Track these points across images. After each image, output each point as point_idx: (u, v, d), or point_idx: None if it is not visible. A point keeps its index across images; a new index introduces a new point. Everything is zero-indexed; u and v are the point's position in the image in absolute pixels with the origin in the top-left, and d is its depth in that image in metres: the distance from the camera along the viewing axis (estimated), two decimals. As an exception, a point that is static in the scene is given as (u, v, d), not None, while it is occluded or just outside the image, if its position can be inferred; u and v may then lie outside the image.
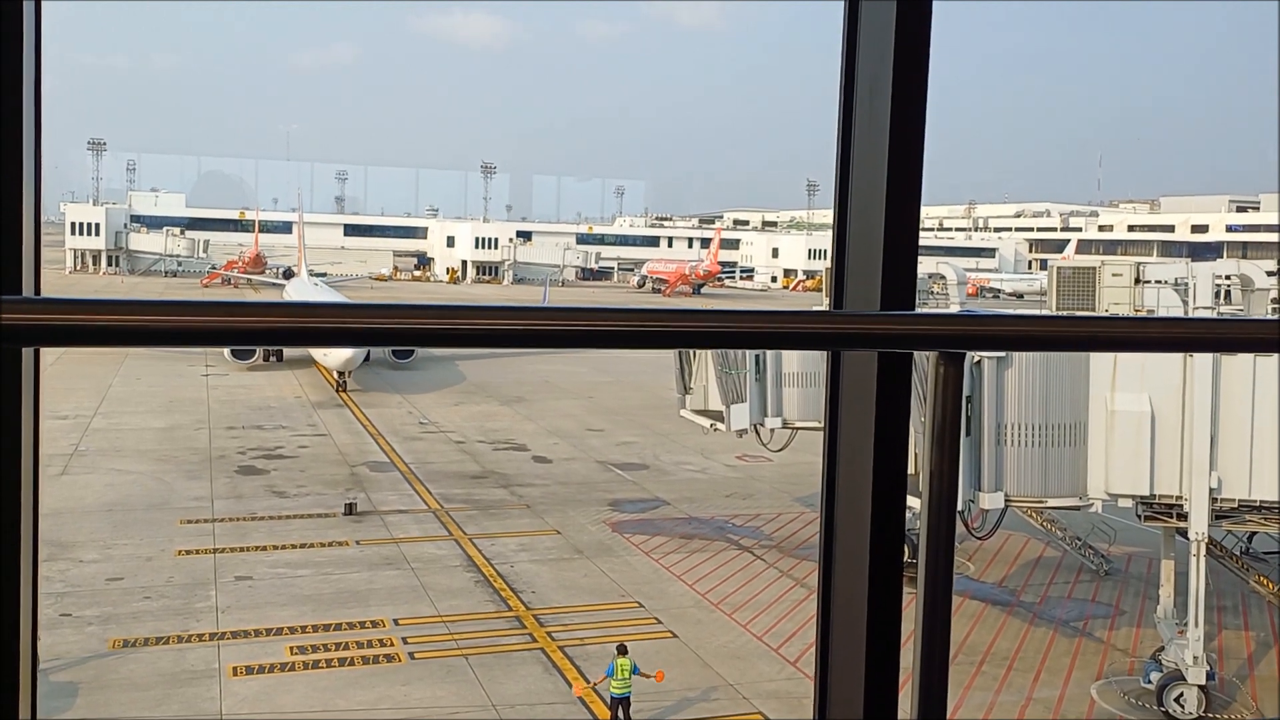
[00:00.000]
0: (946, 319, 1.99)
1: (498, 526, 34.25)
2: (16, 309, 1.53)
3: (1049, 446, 24.28)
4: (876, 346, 2.37)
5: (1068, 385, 24.32)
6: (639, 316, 1.80)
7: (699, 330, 1.87)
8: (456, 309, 1.72)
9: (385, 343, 1.71)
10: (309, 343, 1.65)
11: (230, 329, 1.58)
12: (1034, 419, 24.12)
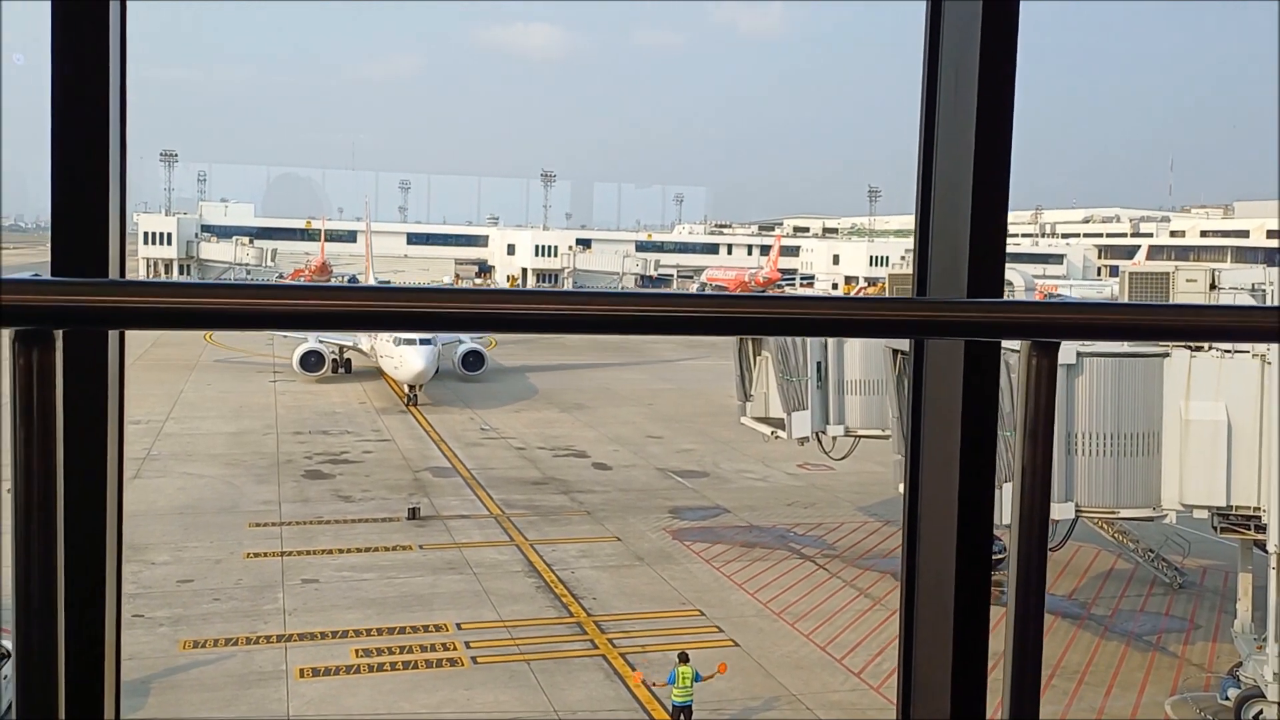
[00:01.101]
0: (1041, 306, 1.93)
1: (558, 532, 34.36)
2: (102, 291, 1.53)
3: (1121, 456, 23.72)
4: (965, 334, 2.29)
5: (1140, 393, 23.75)
6: (722, 303, 1.77)
7: (780, 317, 1.85)
8: (532, 294, 1.69)
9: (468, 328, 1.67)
10: (394, 326, 1.63)
11: (315, 312, 1.57)
12: (1105, 428, 23.59)
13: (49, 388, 1.44)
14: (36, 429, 1.44)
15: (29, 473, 1.44)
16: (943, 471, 2.75)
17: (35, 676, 1.49)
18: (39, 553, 1.46)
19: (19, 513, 1.45)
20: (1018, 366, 1.95)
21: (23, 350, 1.42)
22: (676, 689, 21.58)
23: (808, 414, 33.42)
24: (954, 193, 2.56)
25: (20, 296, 1.40)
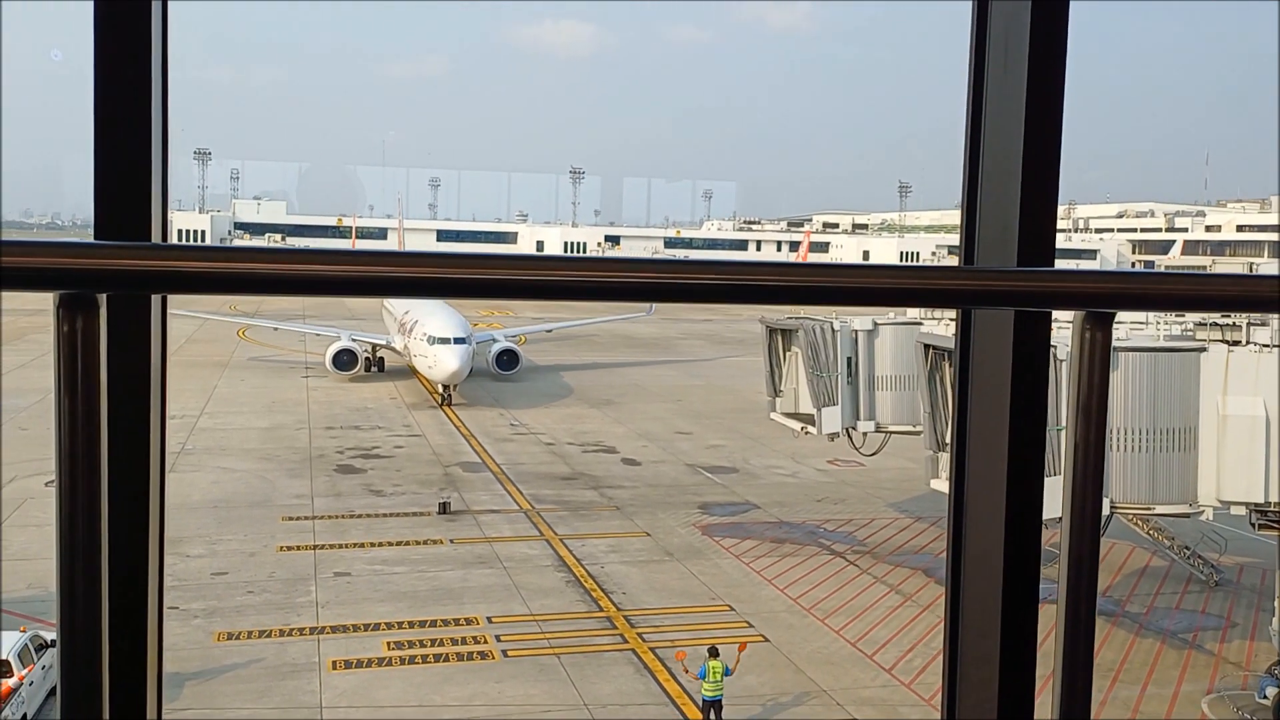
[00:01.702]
0: (1095, 276, 1.86)
1: (588, 527, 34.42)
2: (146, 255, 1.52)
3: (1157, 452, 23.47)
4: (1016, 304, 2.22)
5: (1177, 388, 23.48)
6: (763, 270, 1.73)
7: (823, 285, 1.77)
8: (585, 261, 1.66)
9: (504, 295, 1.65)
10: (435, 293, 1.61)
11: (355, 278, 1.55)
12: (1141, 423, 23.35)
13: (93, 354, 1.44)
14: (81, 396, 1.43)
15: (73, 440, 1.44)
16: (990, 451, 2.69)
17: (80, 651, 1.49)
18: (84, 519, 1.45)
19: (64, 479, 1.45)
20: (1070, 339, 1.89)
21: (67, 316, 1.42)
22: (707, 684, 21.57)
23: (838, 409, 33.28)
24: (1003, 157, 2.50)
25: (64, 259, 1.40)
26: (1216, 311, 3.90)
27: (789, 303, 1.83)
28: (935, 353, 27.52)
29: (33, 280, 1.40)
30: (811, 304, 1.95)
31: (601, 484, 40.07)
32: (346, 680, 23.06)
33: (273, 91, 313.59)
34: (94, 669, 1.49)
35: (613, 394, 59.52)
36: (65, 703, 1.48)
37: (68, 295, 1.42)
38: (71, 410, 1.43)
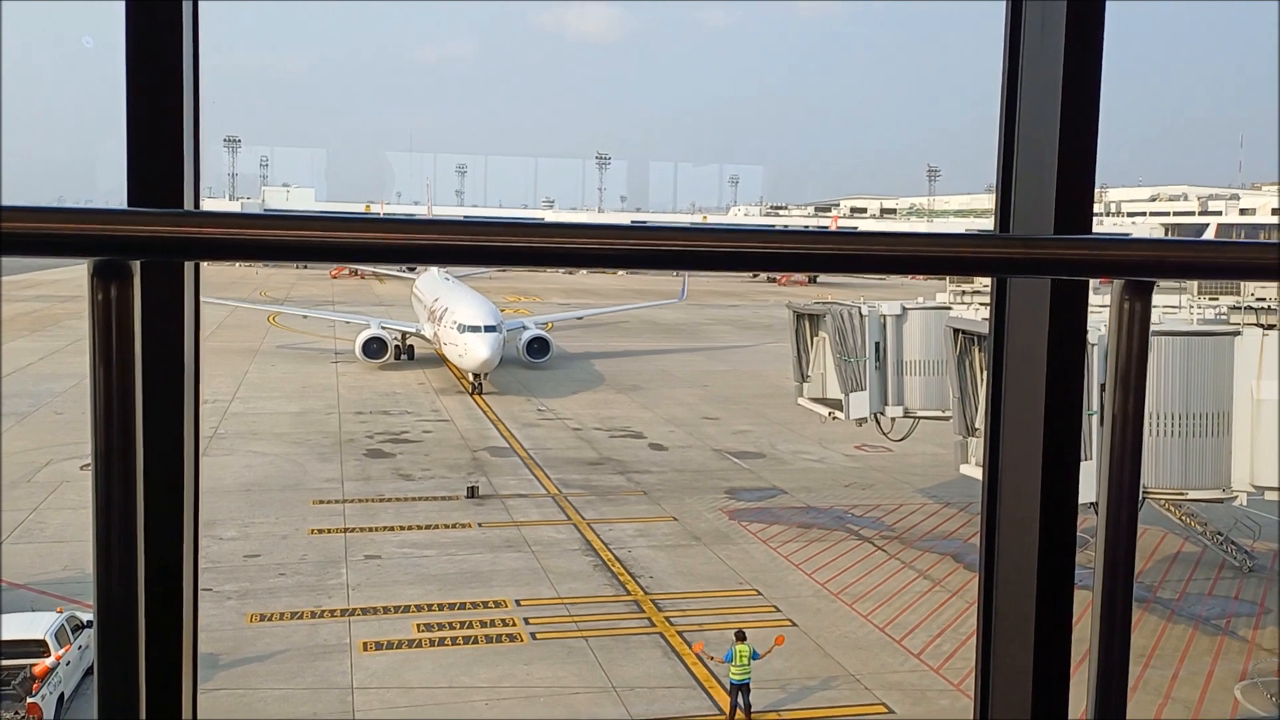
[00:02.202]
0: (1135, 243, 1.81)
1: (615, 512, 34.52)
2: (181, 222, 1.51)
3: (1190, 436, 23.25)
4: (1053, 273, 2.18)
5: (1210, 372, 23.23)
6: (795, 239, 1.70)
7: (854, 253, 1.76)
8: (597, 229, 1.63)
9: (533, 263, 1.64)
10: (467, 261, 1.59)
11: (392, 245, 1.55)
12: (1174, 408, 23.14)
13: (128, 322, 1.43)
14: (116, 363, 1.43)
15: (109, 408, 1.44)
16: (1026, 426, 2.65)
17: (116, 629, 1.48)
18: (119, 486, 1.45)
19: (99, 445, 1.45)
20: (1109, 309, 1.86)
21: (101, 284, 1.41)
22: (734, 667, 21.63)
23: (866, 395, 33.19)
24: (1040, 122, 2.46)
25: (98, 226, 1.40)
26: (1266, 280, 3.64)
27: (822, 270, 1.80)
28: (965, 337, 27.36)
29: (67, 247, 1.40)
30: (845, 272, 1.92)
31: (628, 469, 40.16)
32: (377, 661, 23.30)
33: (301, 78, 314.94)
34: (129, 648, 1.49)
35: (640, 379, 59.57)
36: (102, 682, 1.49)
37: (102, 263, 1.41)
38: (106, 378, 1.43)
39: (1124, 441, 1.84)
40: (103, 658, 1.49)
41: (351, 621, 25.26)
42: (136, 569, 1.48)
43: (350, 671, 22.77)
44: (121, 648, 1.49)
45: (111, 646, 1.48)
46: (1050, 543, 2.63)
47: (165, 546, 2.30)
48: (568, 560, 29.97)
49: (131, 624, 1.48)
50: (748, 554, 30.98)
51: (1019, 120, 2.56)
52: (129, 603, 1.47)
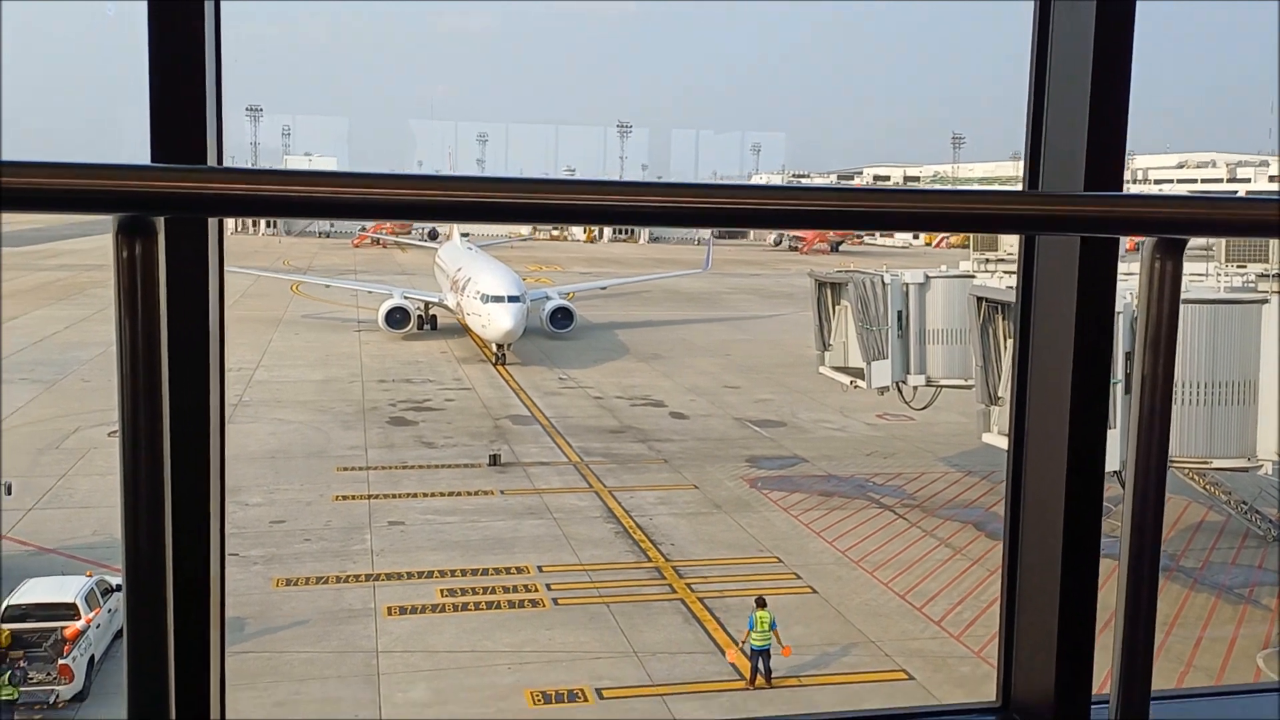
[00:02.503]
0: (1168, 200, 1.77)
1: (636, 480, 34.67)
2: (205, 178, 1.51)
3: (1215, 405, 23.09)
4: (1082, 230, 2.13)
5: (1237, 341, 23.02)
6: (821, 195, 1.69)
7: (881, 210, 1.72)
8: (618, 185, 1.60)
9: (557, 220, 1.63)
10: (487, 218, 1.59)
11: (418, 203, 1.53)
12: (1199, 376, 22.97)
13: (152, 279, 1.43)
14: (141, 320, 1.43)
15: (135, 365, 1.43)
16: (1053, 387, 2.62)
17: (145, 588, 1.48)
18: (146, 441, 1.44)
19: (126, 401, 1.44)
20: (1140, 268, 1.81)
21: (126, 241, 1.41)
22: (755, 634, 21.76)
23: (888, 363, 33.09)
24: (1071, 78, 2.42)
25: (122, 182, 1.39)
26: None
27: (849, 228, 1.77)
28: (989, 305, 27.20)
29: (91, 202, 1.39)
30: (872, 229, 1.89)
31: (650, 437, 40.28)
32: (402, 625, 23.58)
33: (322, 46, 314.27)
34: (159, 611, 1.48)
35: (661, 348, 59.57)
36: (131, 644, 1.49)
37: (126, 220, 1.41)
38: (132, 334, 1.43)
39: (1153, 405, 1.80)
40: (131, 619, 1.49)
41: (376, 586, 25.55)
42: (164, 522, 1.48)
43: (375, 635, 23.06)
44: (150, 610, 1.48)
45: (140, 607, 1.48)
46: (1076, 508, 2.61)
47: (192, 498, 2.30)
48: (589, 527, 30.16)
49: (160, 585, 1.48)
50: (769, 522, 31.08)
51: (1049, 76, 2.51)
52: (156, 559, 1.47)
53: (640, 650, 22.75)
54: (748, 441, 40.05)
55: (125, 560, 1.47)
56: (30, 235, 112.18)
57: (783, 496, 33.35)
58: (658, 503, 32.43)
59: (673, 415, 44.00)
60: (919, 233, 4.34)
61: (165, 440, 1.47)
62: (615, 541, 29.18)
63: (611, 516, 31.14)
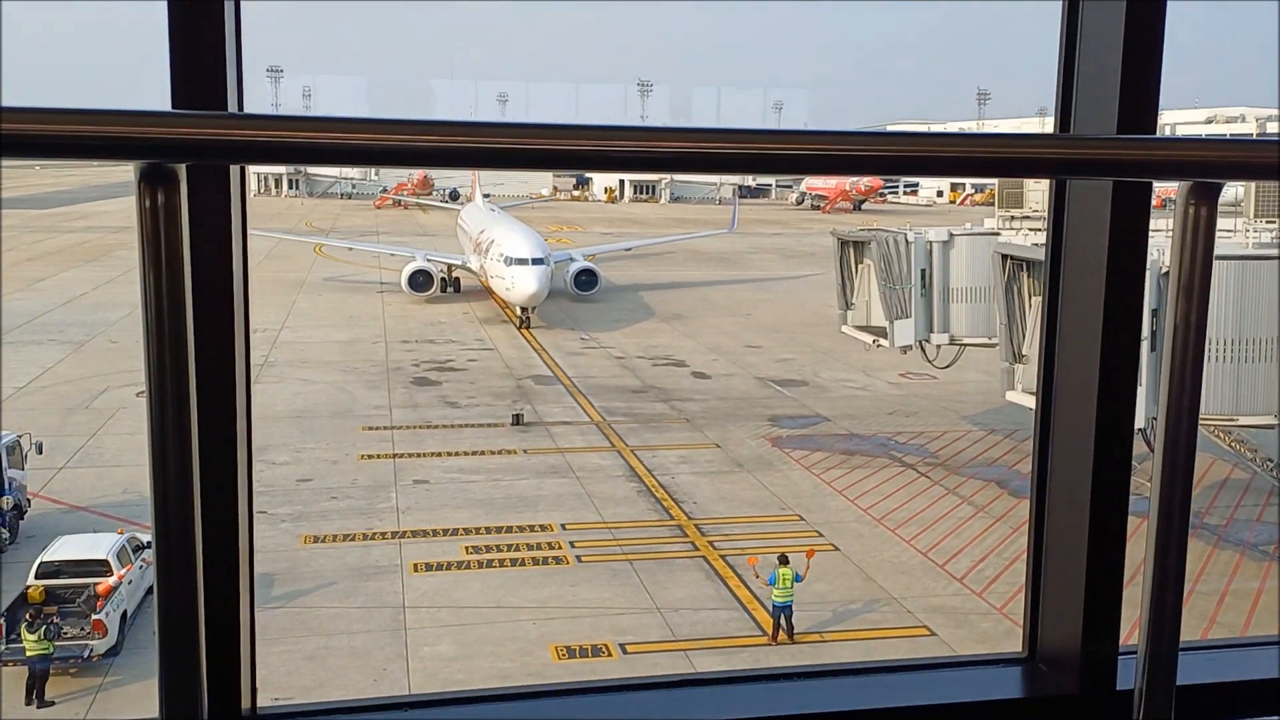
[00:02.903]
0: (1203, 143, 1.72)
1: (658, 439, 34.81)
2: (228, 124, 1.49)
3: (1242, 362, 22.91)
4: (1114, 174, 2.10)
5: (1265, 297, 22.78)
6: (847, 141, 1.64)
7: (908, 154, 1.68)
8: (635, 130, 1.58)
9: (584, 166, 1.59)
10: (508, 164, 1.56)
11: (441, 149, 1.50)
12: (1226, 333, 22.78)
13: (176, 228, 1.42)
14: (166, 269, 1.42)
15: (160, 315, 1.43)
16: (1083, 340, 2.60)
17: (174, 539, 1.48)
18: (173, 389, 1.44)
19: (151, 352, 1.44)
20: (1174, 213, 1.77)
21: (148, 189, 1.40)
22: (777, 590, 21.93)
23: (911, 322, 32.97)
24: (1104, 19, 2.39)
25: (144, 129, 1.38)
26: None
27: (878, 173, 1.73)
28: (1013, 262, 27.00)
29: (113, 149, 1.38)
30: (902, 174, 1.86)
31: (671, 397, 40.37)
32: (428, 582, 23.89)
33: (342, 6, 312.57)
34: (189, 564, 1.49)
35: (682, 308, 59.50)
36: (162, 597, 1.50)
37: (149, 168, 1.40)
38: (157, 283, 1.42)
39: (1185, 355, 1.76)
40: (161, 569, 1.49)
41: (402, 544, 25.87)
42: (191, 470, 1.48)
43: (401, 591, 23.39)
44: (180, 560, 1.49)
45: (170, 552, 1.48)
46: (1105, 459, 2.59)
47: (220, 447, 2.30)
48: (612, 486, 30.35)
49: (189, 534, 1.48)
50: (790, 480, 31.18)
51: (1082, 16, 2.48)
52: (185, 509, 1.47)
53: (663, 606, 22.98)
54: (770, 401, 40.08)
55: (153, 507, 1.47)
56: (58, 198, 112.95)
57: (805, 455, 33.42)
58: (680, 462, 32.57)
59: (695, 375, 44.05)
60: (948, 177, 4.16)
61: (191, 385, 1.46)
62: (638, 500, 29.37)
63: (634, 475, 31.32)
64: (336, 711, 2.53)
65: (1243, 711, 2.20)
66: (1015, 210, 33.26)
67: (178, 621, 1.50)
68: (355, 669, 20.20)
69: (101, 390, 38.13)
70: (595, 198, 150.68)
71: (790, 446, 34.31)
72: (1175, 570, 1.84)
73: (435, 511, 27.98)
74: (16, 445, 26.85)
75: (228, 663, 2.34)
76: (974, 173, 1.76)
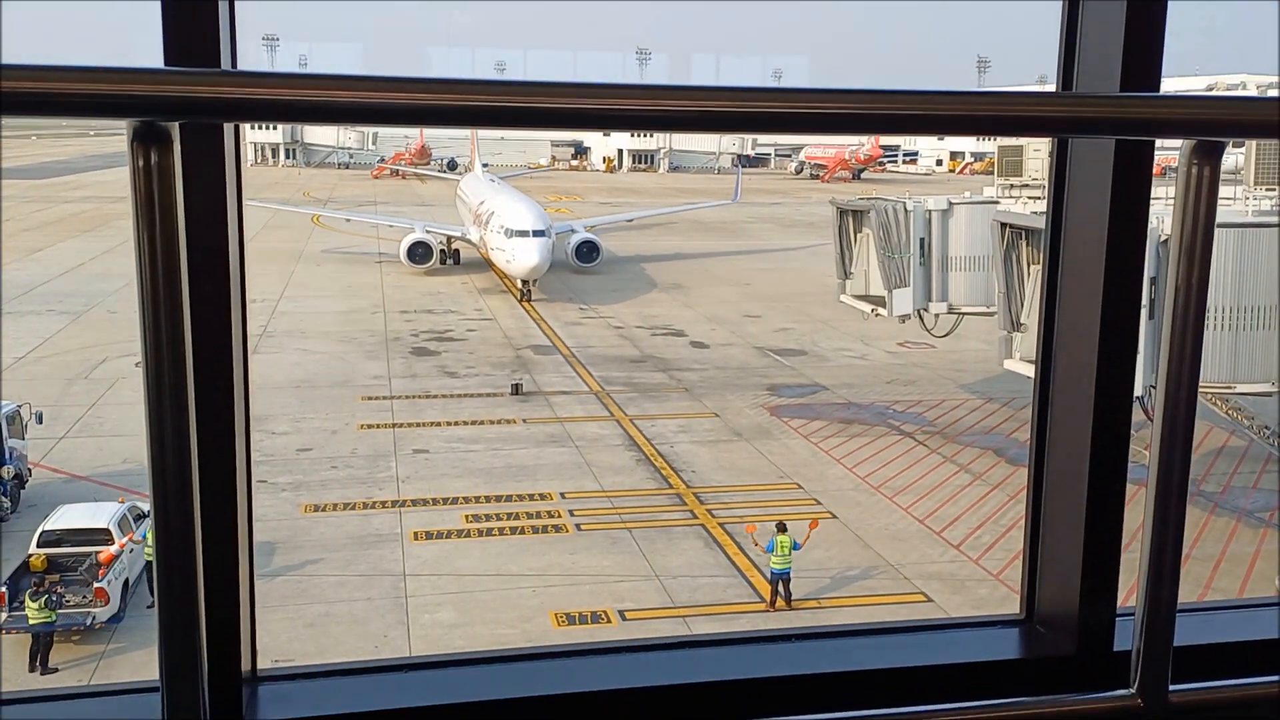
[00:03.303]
0: (1206, 101, 1.68)
1: (657, 409, 34.87)
2: (221, 81, 1.46)
3: (1240, 330, 22.93)
4: (1118, 132, 2.05)
5: (1263, 265, 22.77)
6: (845, 99, 1.61)
7: (907, 113, 1.65)
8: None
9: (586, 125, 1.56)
10: (502, 123, 1.53)
11: (437, 107, 1.47)
12: (1224, 301, 22.78)
13: (169, 188, 1.40)
14: (160, 230, 1.40)
15: (155, 277, 1.41)
16: (1083, 304, 2.59)
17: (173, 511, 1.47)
18: (169, 349, 1.43)
19: (146, 313, 1.42)
20: (1177, 172, 1.74)
21: (141, 149, 1.38)
22: (775, 557, 22.05)
23: (909, 291, 32.96)
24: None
25: (137, 86, 1.35)
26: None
27: (874, 131, 1.72)
28: (1012, 231, 26.95)
29: (104, 108, 1.36)
30: (900, 133, 1.84)
31: (670, 366, 40.41)
32: (428, 550, 24.02)
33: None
34: (187, 528, 1.48)
35: (681, 277, 59.41)
36: (161, 562, 1.50)
37: (142, 127, 1.38)
38: (151, 244, 1.40)
39: (1186, 316, 1.73)
40: (160, 530, 1.49)
41: (402, 513, 25.98)
42: (189, 430, 1.47)
43: (402, 559, 23.52)
44: (178, 524, 1.48)
45: (168, 519, 1.48)
46: (1104, 421, 2.60)
47: (217, 402, 2.28)
48: (611, 455, 30.45)
49: (187, 500, 1.48)
50: (789, 449, 31.28)
51: None
52: (184, 473, 1.46)
53: (662, 573, 23.12)
54: (768, 370, 40.13)
55: (151, 470, 1.46)
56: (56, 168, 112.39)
57: (803, 424, 33.50)
58: (679, 431, 32.66)
59: (693, 345, 44.07)
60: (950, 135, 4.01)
61: (187, 346, 1.44)
62: (637, 469, 29.47)
63: (633, 444, 31.41)
64: (336, 674, 2.54)
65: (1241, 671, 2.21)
66: (1015, 178, 33.16)
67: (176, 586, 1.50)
68: (357, 636, 20.34)
69: (101, 360, 38.13)
70: (594, 167, 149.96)
71: (789, 415, 34.39)
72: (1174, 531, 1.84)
73: (435, 480, 28.08)
74: (16, 415, 26.90)
75: (227, 626, 2.35)
76: (976, 131, 1.72)
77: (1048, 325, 2.77)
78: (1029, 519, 2.88)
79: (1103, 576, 2.67)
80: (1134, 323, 2.57)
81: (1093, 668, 2.67)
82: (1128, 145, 2.42)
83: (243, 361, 2.40)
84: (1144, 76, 2.35)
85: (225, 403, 2.32)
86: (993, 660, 2.71)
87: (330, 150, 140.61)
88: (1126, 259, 2.52)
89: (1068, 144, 2.61)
